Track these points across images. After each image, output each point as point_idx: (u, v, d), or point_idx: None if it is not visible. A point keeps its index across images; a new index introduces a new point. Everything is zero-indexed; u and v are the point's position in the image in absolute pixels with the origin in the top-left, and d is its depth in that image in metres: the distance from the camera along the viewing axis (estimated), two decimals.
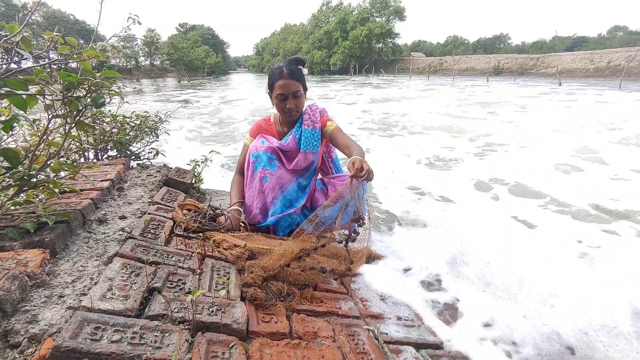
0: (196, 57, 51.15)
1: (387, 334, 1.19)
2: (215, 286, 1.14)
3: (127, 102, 1.96)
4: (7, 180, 1.09)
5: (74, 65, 1.20)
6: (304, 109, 1.76)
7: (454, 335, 1.31)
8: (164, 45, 46.67)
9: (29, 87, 1.00)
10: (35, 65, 1.16)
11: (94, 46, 1.19)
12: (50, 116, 1.19)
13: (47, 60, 1.23)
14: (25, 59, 1.13)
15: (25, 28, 1.06)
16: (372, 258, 1.79)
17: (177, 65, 45.53)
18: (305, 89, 1.71)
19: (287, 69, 1.63)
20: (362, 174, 1.40)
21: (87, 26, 43.09)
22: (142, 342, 0.79)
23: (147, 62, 50.41)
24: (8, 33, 1.04)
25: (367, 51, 51.49)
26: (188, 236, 1.46)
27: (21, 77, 0.99)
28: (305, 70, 1.71)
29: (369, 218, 1.84)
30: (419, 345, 1.20)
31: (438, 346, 1.23)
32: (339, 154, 2.04)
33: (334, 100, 15.27)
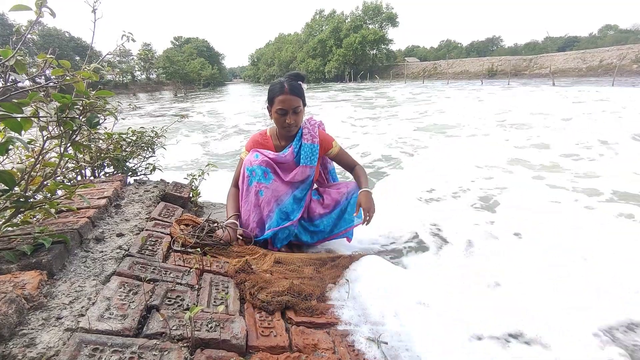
0: (192, 70, 51.36)
1: (387, 343, 1.18)
2: (214, 301, 1.14)
3: (123, 118, 1.97)
4: (3, 202, 1.09)
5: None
6: (302, 123, 1.78)
7: None
8: (160, 59, 46.97)
9: (24, 108, 1.01)
10: (32, 87, 1.17)
11: (88, 67, 1.21)
12: (45, 137, 1.20)
13: (42, 80, 1.24)
14: (20, 82, 1.14)
15: (19, 51, 1.08)
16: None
17: (173, 79, 45.68)
18: (305, 104, 1.72)
19: (288, 85, 1.63)
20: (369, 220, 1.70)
21: (83, 43, 43.57)
22: None
23: (143, 76, 50.84)
24: (2, 57, 1.05)
25: (361, 58, 51.98)
26: (186, 251, 1.46)
27: (15, 101, 1.00)
28: (304, 86, 1.72)
29: None
30: None
31: None
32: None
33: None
